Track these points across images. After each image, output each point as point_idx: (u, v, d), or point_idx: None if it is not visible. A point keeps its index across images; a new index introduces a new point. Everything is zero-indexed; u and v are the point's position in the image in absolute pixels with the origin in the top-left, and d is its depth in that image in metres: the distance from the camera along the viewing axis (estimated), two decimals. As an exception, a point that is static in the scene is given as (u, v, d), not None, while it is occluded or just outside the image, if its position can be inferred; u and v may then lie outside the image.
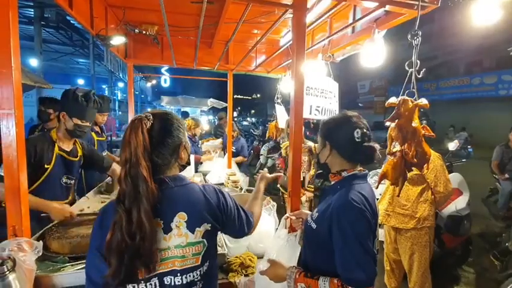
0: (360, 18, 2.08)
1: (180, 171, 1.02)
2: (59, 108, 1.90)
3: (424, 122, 2.09)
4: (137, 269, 0.83)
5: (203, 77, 4.89)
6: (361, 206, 1.02)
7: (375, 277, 1.00)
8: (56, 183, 1.84)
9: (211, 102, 9.17)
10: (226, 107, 4.75)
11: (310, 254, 1.20)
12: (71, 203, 1.99)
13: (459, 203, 3.10)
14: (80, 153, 2.01)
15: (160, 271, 0.88)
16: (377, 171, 3.58)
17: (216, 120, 8.96)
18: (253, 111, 36.08)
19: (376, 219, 1.09)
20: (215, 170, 3.63)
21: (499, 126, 7.86)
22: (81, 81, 22.36)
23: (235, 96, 5.59)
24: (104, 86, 19.08)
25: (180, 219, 0.90)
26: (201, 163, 4.14)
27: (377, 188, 1.36)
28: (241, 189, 2.96)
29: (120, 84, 19.65)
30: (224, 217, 1.03)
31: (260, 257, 1.70)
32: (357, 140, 1.12)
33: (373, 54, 1.95)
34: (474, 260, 3.47)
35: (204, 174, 3.56)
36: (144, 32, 2.89)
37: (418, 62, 1.48)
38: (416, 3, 1.56)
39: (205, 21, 2.41)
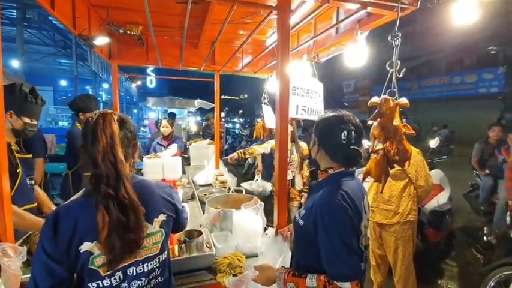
0: (343, 20, 2.12)
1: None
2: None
3: (404, 120, 2.17)
4: (130, 246, 0.89)
5: (190, 77, 4.85)
6: (342, 203, 1.03)
7: (359, 271, 1.02)
8: (25, 186, 1.76)
9: (198, 103, 9.09)
10: (213, 108, 4.73)
11: (300, 251, 1.21)
12: (38, 206, 1.89)
13: (441, 199, 3.21)
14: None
15: (124, 264, 0.93)
16: (362, 169, 3.66)
17: (204, 121, 8.91)
18: (240, 111, 36.03)
19: (361, 216, 1.09)
20: (203, 171, 3.61)
21: (478, 124, 8.16)
22: (63, 83, 21.74)
23: (222, 96, 5.58)
24: (87, 87, 18.58)
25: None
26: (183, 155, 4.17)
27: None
28: (229, 189, 2.96)
29: (105, 85, 19.20)
30: (177, 209, 1.12)
31: (248, 257, 1.71)
32: (343, 142, 1.13)
33: (356, 54, 1.99)
34: (457, 254, 3.59)
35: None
36: (128, 32, 2.85)
37: (399, 62, 1.53)
38: (396, 5, 1.62)
39: (191, 22, 2.40)
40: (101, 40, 2.49)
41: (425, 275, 3.03)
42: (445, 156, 4.78)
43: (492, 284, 2.41)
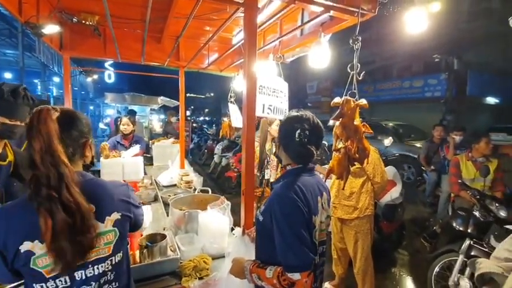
0: (307, 22, 2.18)
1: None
2: None
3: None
4: (81, 248, 0.85)
5: (153, 73, 4.60)
6: (293, 196, 1.07)
7: (310, 263, 1.04)
8: None
9: (161, 100, 8.72)
10: (178, 106, 4.57)
11: (261, 246, 1.23)
12: None
13: (394, 193, 3.47)
14: (9, 158, 1.75)
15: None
16: (324, 167, 3.81)
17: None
18: (206, 110, 35.46)
19: (312, 210, 1.12)
20: (167, 171, 3.48)
21: (425, 124, 9.00)
22: (8, 75, 19.32)
23: (187, 94, 5.41)
24: (36, 81, 16.80)
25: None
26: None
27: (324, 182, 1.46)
28: (194, 189, 2.88)
29: (56, 79, 17.51)
30: (133, 207, 1.06)
31: (215, 258, 1.69)
32: (296, 140, 1.18)
33: (320, 56, 2.06)
34: (407, 243, 3.91)
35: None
36: (83, 21, 2.62)
37: (359, 65, 1.61)
38: (357, 10, 1.71)
39: (153, 14, 2.28)
40: (51, 29, 2.26)
41: (381, 264, 3.26)
42: (397, 154, 5.19)
43: (437, 269, 2.67)
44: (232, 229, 1.82)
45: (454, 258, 2.53)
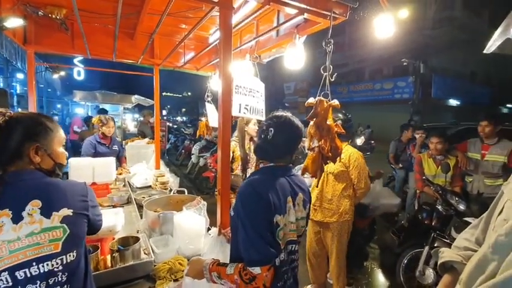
0: (283, 23, 2.22)
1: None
2: None
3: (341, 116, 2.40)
4: None
5: (127, 71, 4.42)
6: (255, 194, 1.08)
7: (270, 257, 1.04)
8: None
9: (135, 99, 8.42)
10: (153, 105, 4.44)
11: (233, 242, 1.22)
12: None
13: (366, 190, 3.60)
14: None
15: (10, 264, 0.86)
16: (301, 166, 3.88)
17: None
18: (184, 109, 34.78)
19: (277, 209, 1.10)
20: (141, 171, 3.37)
21: (394, 124, 9.47)
22: (-37, 71, 17.65)
23: (164, 93, 5.26)
24: (-3, 77, 15.51)
25: (34, 206, 0.91)
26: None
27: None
28: (170, 190, 2.82)
29: (20, 76, 16.28)
30: (90, 206, 1.04)
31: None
32: (261, 136, 1.22)
33: (295, 57, 2.11)
34: (378, 238, 4.09)
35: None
36: (49, 15, 2.48)
37: (331, 67, 1.67)
38: (329, 13, 1.77)
39: (126, 10, 2.21)
40: (14, 22, 2.13)
41: (354, 259, 3.38)
42: (369, 153, 5.41)
43: (405, 261, 2.82)
44: (208, 229, 1.81)
45: (420, 250, 2.68)
